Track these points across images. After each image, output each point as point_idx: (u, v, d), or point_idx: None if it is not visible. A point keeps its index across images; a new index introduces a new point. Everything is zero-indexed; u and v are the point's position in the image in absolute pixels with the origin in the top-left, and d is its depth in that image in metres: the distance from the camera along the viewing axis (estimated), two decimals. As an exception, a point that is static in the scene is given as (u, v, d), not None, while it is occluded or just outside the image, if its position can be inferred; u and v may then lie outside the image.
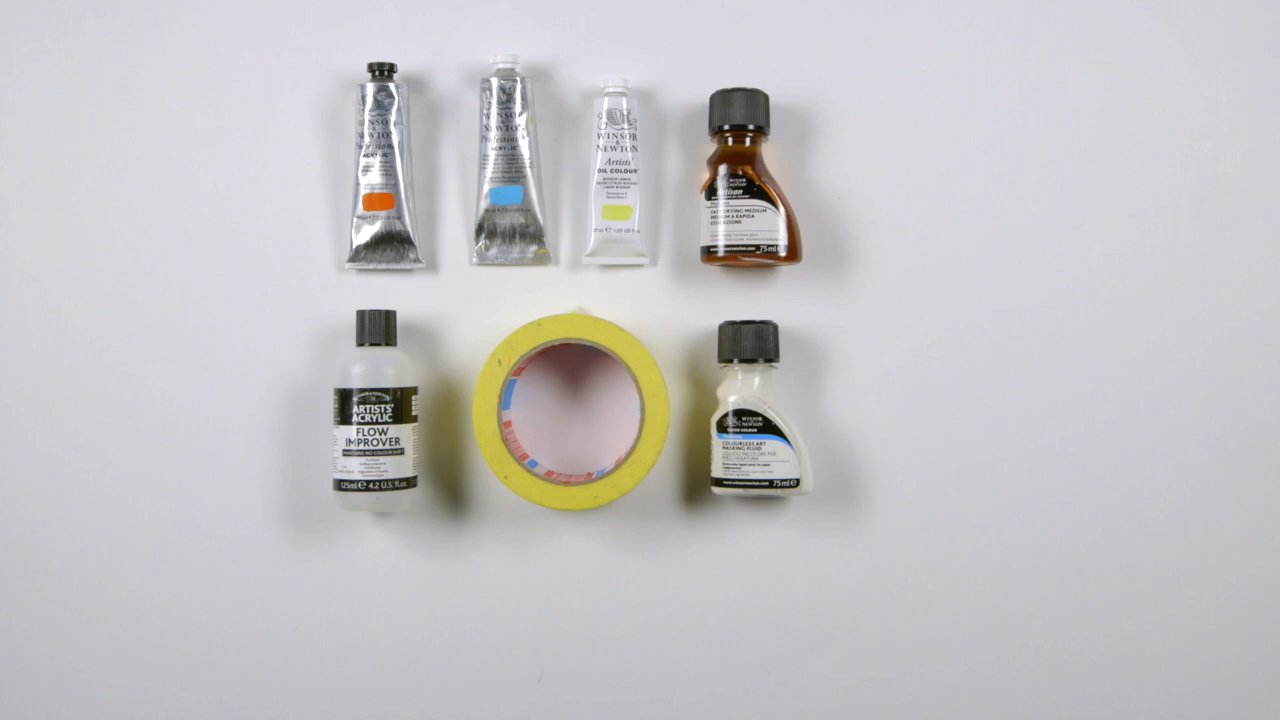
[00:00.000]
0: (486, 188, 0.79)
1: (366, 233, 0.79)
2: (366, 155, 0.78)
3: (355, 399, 0.75)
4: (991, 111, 0.80)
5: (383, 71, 0.78)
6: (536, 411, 0.80)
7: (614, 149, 0.78)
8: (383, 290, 0.81)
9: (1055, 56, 0.80)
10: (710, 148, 0.79)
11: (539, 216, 0.79)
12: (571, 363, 0.81)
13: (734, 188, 0.76)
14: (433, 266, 0.81)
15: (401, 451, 0.75)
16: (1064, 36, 0.80)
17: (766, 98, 0.77)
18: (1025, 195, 0.80)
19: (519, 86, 0.78)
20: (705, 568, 0.80)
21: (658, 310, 0.80)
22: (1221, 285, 0.79)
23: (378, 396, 0.75)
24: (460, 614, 0.80)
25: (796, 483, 0.75)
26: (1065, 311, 0.80)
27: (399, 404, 0.75)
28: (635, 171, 0.79)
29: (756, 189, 0.76)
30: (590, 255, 0.79)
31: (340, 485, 0.76)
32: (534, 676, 0.80)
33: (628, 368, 0.75)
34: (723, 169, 0.76)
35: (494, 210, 0.79)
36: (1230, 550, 0.79)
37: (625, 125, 0.78)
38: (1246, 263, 0.80)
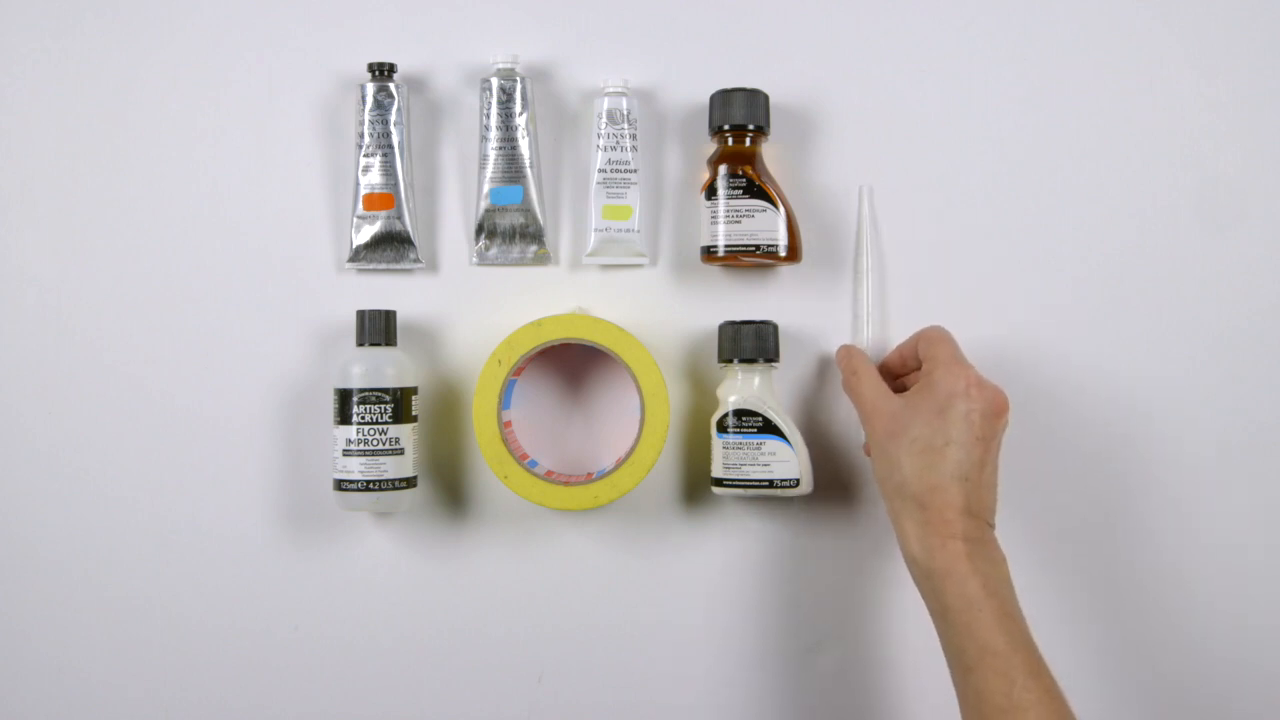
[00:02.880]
0: (486, 188, 0.79)
1: (366, 233, 0.79)
2: (366, 155, 0.78)
3: (355, 399, 0.75)
4: (991, 111, 0.80)
5: (383, 71, 0.78)
6: (536, 411, 0.80)
7: (614, 149, 0.78)
8: (383, 290, 0.81)
9: (1055, 56, 0.80)
10: (710, 148, 0.79)
11: (539, 216, 0.79)
12: (571, 363, 0.81)
13: (734, 188, 0.76)
14: (433, 266, 0.81)
15: (401, 451, 0.75)
16: (1064, 36, 0.80)
17: (766, 98, 0.77)
18: (1025, 195, 0.80)
19: (519, 86, 0.78)
20: (705, 568, 0.80)
21: (658, 310, 0.80)
22: (1221, 285, 0.79)
23: (378, 396, 0.75)
24: (460, 614, 0.80)
25: (796, 483, 0.75)
26: (1065, 311, 0.80)
27: (399, 404, 0.75)
28: (635, 171, 0.79)
29: (756, 189, 0.76)
30: (590, 255, 0.79)
31: (340, 485, 0.76)
32: (534, 676, 0.80)
33: (628, 368, 0.75)
34: (723, 169, 0.76)
35: (494, 210, 0.79)
36: (1230, 550, 0.79)
37: (625, 125, 0.78)
38: (1246, 263, 0.80)
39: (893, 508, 0.69)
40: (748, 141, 0.77)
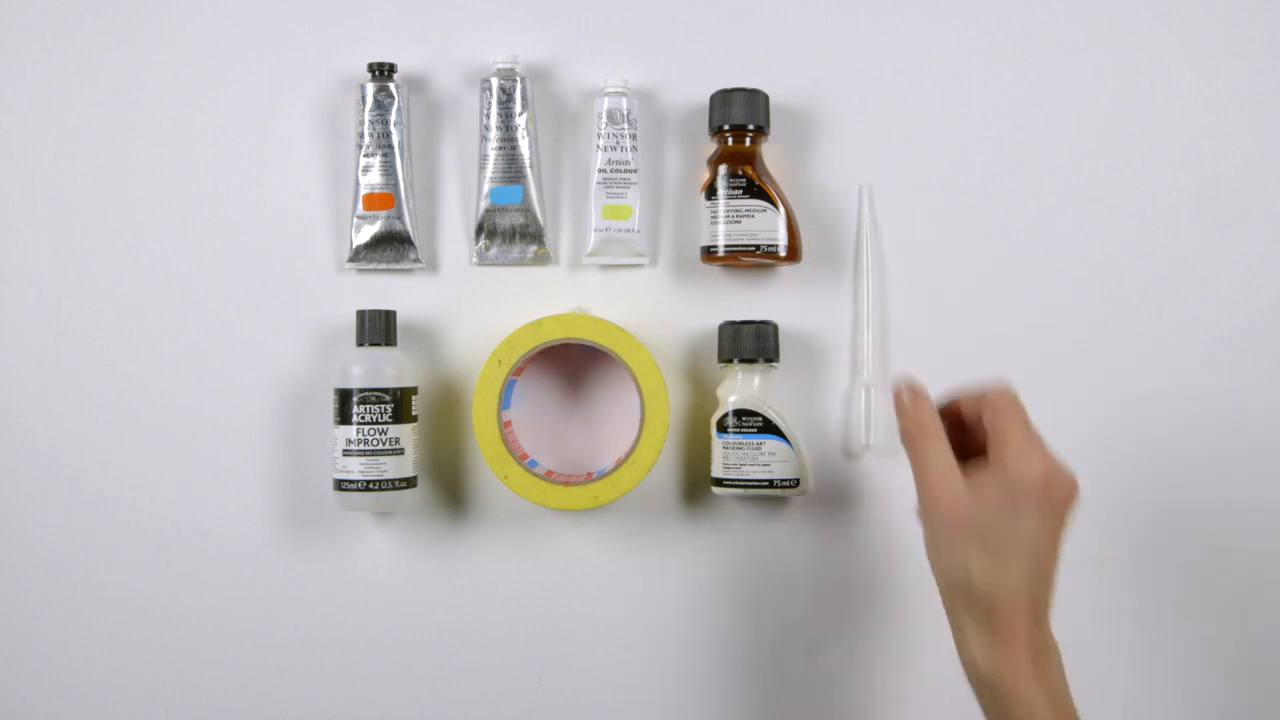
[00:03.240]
0: (486, 188, 0.79)
1: (366, 233, 0.79)
2: (366, 155, 0.78)
3: (355, 399, 0.75)
4: (991, 111, 0.80)
5: (383, 71, 0.78)
6: (536, 411, 0.80)
7: (614, 149, 0.78)
8: (383, 290, 0.81)
9: (1055, 56, 0.80)
10: (710, 148, 0.79)
11: (539, 216, 0.79)
12: (571, 363, 0.81)
13: (734, 188, 0.76)
14: (433, 266, 0.81)
15: (401, 451, 0.75)
16: (1064, 36, 0.80)
17: (766, 98, 0.77)
18: (1025, 195, 0.80)
19: (519, 86, 0.78)
20: (705, 568, 0.80)
21: (658, 310, 0.80)
22: (1221, 285, 0.79)
23: (378, 396, 0.75)
24: (460, 614, 0.80)
25: (796, 483, 0.75)
26: (1065, 311, 0.80)
27: (399, 404, 0.75)
28: (635, 171, 0.79)
29: (756, 189, 0.76)
30: (590, 255, 0.79)
31: (340, 485, 0.76)
32: (534, 676, 0.80)
33: (628, 368, 0.75)
34: (723, 169, 0.76)
35: (494, 210, 0.79)
36: (1230, 551, 0.79)
37: (625, 125, 0.78)
38: (1246, 263, 0.80)
39: (952, 607, 0.63)
40: (748, 141, 0.77)
